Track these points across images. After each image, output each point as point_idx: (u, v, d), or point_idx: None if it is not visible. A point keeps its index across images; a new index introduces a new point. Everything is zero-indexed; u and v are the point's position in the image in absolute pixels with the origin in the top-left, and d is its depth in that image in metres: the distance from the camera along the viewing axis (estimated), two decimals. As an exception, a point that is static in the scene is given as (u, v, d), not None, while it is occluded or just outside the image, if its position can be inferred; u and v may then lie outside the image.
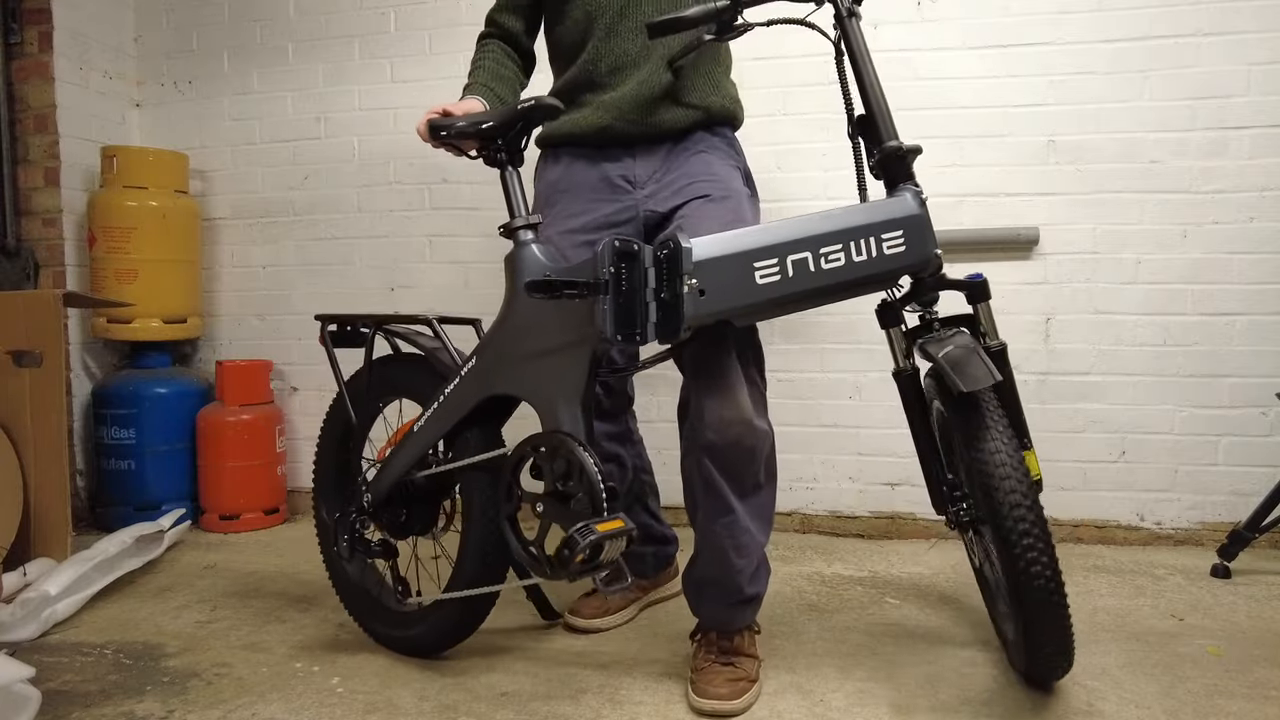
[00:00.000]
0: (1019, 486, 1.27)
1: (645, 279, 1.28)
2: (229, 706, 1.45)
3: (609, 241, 1.26)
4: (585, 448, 1.31)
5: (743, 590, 1.48)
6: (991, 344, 1.42)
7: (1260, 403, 2.30)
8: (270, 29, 2.87)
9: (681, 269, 1.25)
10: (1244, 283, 2.30)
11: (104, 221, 2.62)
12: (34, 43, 2.66)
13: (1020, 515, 1.26)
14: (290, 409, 2.90)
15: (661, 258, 1.27)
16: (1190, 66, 2.30)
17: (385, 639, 1.69)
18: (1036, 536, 1.26)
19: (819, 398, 2.52)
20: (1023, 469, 1.29)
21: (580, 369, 1.37)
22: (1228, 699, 1.43)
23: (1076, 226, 2.38)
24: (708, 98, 1.63)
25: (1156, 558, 2.24)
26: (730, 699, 1.39)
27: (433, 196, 2.78)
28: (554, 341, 1.40)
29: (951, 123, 2.41)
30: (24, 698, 1.35)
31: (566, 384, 1.38)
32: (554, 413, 1.39)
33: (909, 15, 2.43)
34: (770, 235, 1.29)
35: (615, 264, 1.26)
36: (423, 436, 1.58)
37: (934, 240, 1.35)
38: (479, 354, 1.53)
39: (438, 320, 1.66)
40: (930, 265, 1.36)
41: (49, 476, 2.10)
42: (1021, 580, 1.27)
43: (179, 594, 2.05)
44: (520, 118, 1.45)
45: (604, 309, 1.26)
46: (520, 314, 1.47)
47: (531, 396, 1.44)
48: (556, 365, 1.40)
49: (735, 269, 1.27)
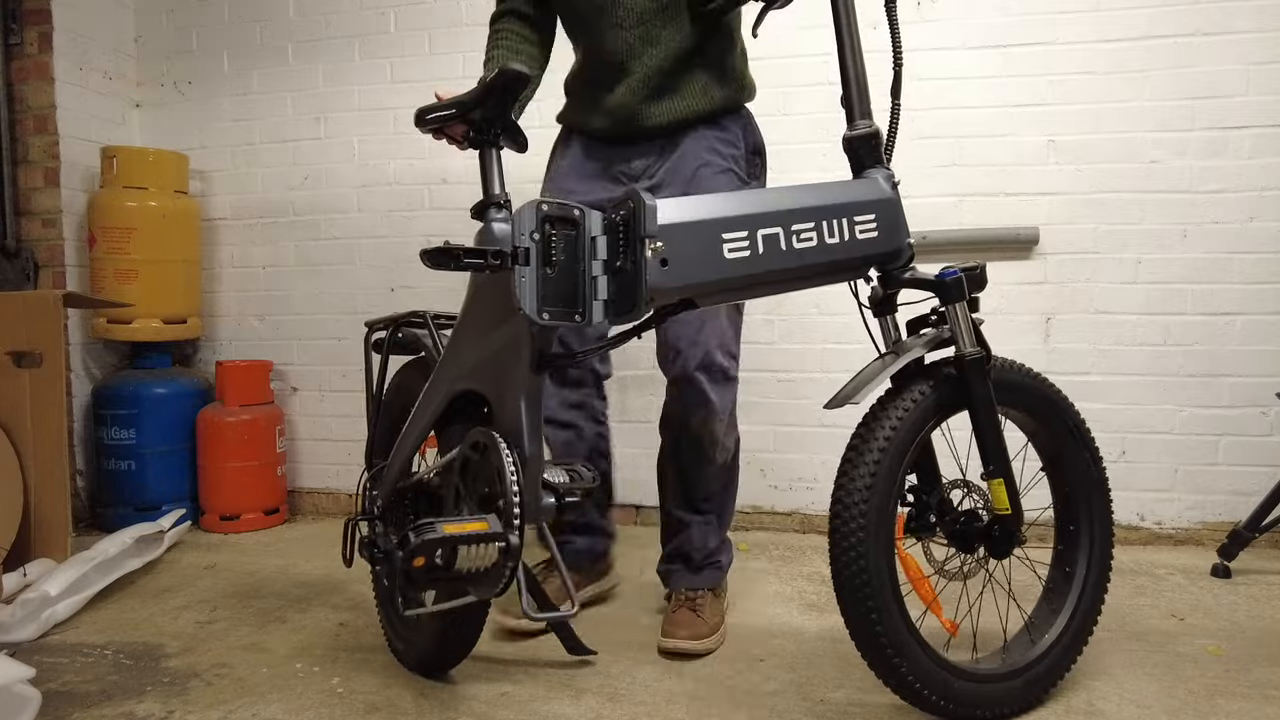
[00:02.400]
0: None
1: (591, 249, 1.14)
2: (229, 707, 1.45)
3: (532, 202, 1.12)
4: (519, 449, 1.18)
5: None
6: (966, 353, 1.28)
7: (1260, 402, 2.30)
8: (270, 29, 2.88)
9: (644, 230, 1.10)
10: (1244, 282, 2.30)
11: (104, 222, 2.62)
12: (34, 43, 2.67)
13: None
14: (290, 409, 2.90)
15: (617, 220, 1.14)
16: (1190, 66, 2.30)
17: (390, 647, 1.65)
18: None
19: (819, 397, 2.52)
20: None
21: (519, 360, 1.22)
22: (1228, 699, 1.43)
23: (1076, 226, 2.38)
24: (700, 98, 1.63)
25: (1157, 557, 2.24)
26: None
27: (433, 196, 2.78)
28: (499, 330, 1.27)
29: (951, 123, 2.42)
30: (24, 698, 1.35)
31: (508, 376, 1.25)
32: (501, 407, 1.26)
33: (909, 15, 2.43)
34: (741, 204, 1.18)
35: (541, 230, 1.11)
36: (408, 436, 1.52)
37: (906, 229, 1.28)
38: (446, 350, 1.44)
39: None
40: (902, 256, 1.29)
41: (49, 477, 2.10)
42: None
43: (179, 594, 2.05)
44: (487, 92, 1.32)
45: (521, 282, 1.10)
46: (473, 304, 1.37)
47: (487, 390, 1.32)
48: (501, 355, 1.27)
49: (702, 238, 1.14)
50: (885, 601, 1.23)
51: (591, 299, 1.14)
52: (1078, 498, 1.45)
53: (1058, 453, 1.45)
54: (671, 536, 1.79)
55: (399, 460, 1.57)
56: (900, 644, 1.25)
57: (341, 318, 2.87)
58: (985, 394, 1.30)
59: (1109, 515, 1.47)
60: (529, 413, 1.22)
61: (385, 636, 1.67)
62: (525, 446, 1.20)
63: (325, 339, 2.88)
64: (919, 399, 1.28)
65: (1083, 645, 1.44)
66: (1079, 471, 1.44)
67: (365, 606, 1.93)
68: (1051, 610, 1.45)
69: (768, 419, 2.53)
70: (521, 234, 1.11)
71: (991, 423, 1.30)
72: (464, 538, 1.09)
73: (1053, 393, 1.42)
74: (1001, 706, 1.34)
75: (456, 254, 1.10)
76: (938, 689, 1.28)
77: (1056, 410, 1.42)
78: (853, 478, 1.25)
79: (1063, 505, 1.47)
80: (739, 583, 2.02)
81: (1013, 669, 1.36)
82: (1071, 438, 1.43)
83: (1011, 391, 1.37)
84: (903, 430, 1.26)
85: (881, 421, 1.26)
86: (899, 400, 1.28)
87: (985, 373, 1.29)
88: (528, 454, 1.20)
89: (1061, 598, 1.45)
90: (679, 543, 1.77)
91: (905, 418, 1.26)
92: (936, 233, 2.41)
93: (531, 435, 1.22)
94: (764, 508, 2.56)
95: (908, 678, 1.26)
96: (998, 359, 1.34)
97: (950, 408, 1.32)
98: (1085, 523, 1.45)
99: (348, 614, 1.90)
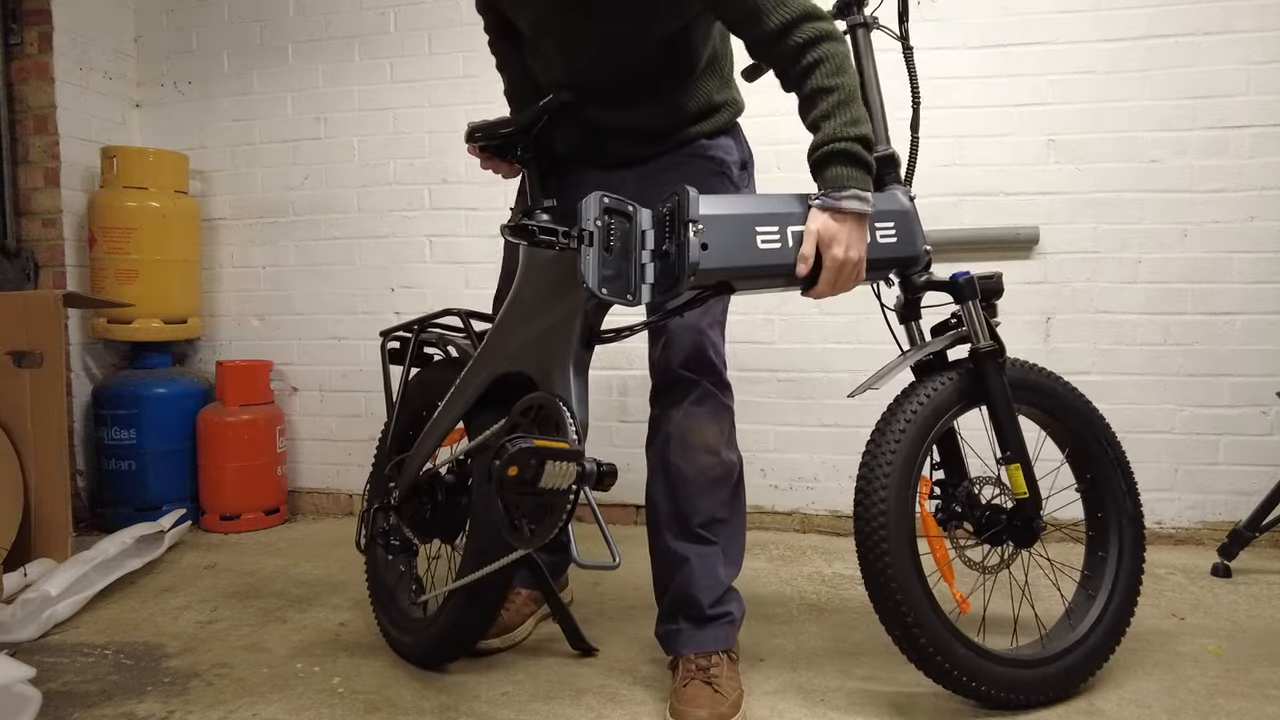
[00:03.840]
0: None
1: (642, 240, 1.27)
2: (229, 707, 1.45)
3: (595, 195, 1.24)
4: (570, 409, 1.26)
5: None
6: (980, 347, 1.41)
7: (1260, 402, 2.30)
8: (270, 29, 2.88)
9: (688, 215, 1.22)
10: (1244, 282, 2.30)
11: (104, 222, 2.62)
12: (34, 43, 2.67)
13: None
14: (290, 409, 2.90)
15: (664, 212, 1.26)
16: (1190, 66, 2.30)
17: (393, 642, 1.67)
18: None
19: (819, 398, 2.52)
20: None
21: (571, 334, 1.33)
22: (1228, 698, 1.43)
23: (1077, 226, 2.38)
24: (672, 128, 1.53)
25: (1157, 557, 2.24)
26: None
27: (433, 197, 2.78)
28: (550, 311, 1.38)
29: (951, 122, 2.41)
30: (25, 698, 1.35)
31: (559, 350, 1.34)
32: (548, 380, 1.35)
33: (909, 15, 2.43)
34: (770, 204, 1.31)
35: (602, 217, 1.24)
36: (440, 423, 1.56)
37: (923, 238, 1.43)
38: (489, 335, 1.53)
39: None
40: (920, 261, 1.42)
41: (49, 477, 2.11)
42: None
43: (179, 594, 2.05)
44: (534, 122, 1.46)
45: (588, 261, 1.22)
46: (524, 289, 1.47)
47: (532, 369, 1.41)
48: (551, 335, 1.37)
49: (738, 228, 1.26)
50: (908, 576, 1.32)
51: (640, 283, 1.26)
52: (1101, 484, 1.53)
53: (1077, 444, 1.53)
54: (669, 580, 1.49)
55: (425, 448, 1.58)
56: (919, 614, 1.32)
57: (341, 318, 2.87)
58: (1000, 384, 1.42)
59: (1137, 498, 1.54)
60: (577, 381, 1.31)
61: (381, 630, 1.68)
62: (576, 412, 1.27)
63: (325, 339, 2.88)
64: (939, 388, 1.40)
65: (1123, 629, 1.49)
66: (1098, 459, 1.53)
67: (365, 606, 1.93)
68: (1089, 595, 1.50)
69: (768, 419, 2.53)
70: (587, 219, 1.23)
71: (1006, 410, 1.42)
72: (552, 452, 1.16)
73: (1062, 386, 1.52)
74: (1040, 692, 1.40)
75: (533, 231, 1.23)
76: (964, 668, 1.34)
77: (1065, 403, 1.51)
78: (877, 455, 1.37)
79: (1089, 490, 1.55)
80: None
81: (1052, 654, 1.42)
82: (1086, 428, 1.52)
83: (1027, 389, 1.48)
84: (923, 415, 1.38)
85: (905, 407, 1.40)
86: (919, 390, 1.41)
87: (999, 365, 1.42)
88: (578, 420, 1.27)
89: (1098, 582, 1.50)
90: (679, 585, 1.47)
91: (925, 405, 1.39)
92: (937, 232, 2.40)
93: (580, 403, 1.29)
94: (764, 508, 2.56)
95: (927, 648, 1.33)
96: (1014, 359, 1.47)
97: (969, 399, 1.43)
98: (1112, 507, 1.52)
99: (348, 614, 1.90)
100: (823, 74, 1.29)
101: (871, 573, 1.33)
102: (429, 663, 1.59)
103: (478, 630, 1.55)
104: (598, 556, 1.22)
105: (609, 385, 2.64)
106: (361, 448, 2.84)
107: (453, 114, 2.72)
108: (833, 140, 1.28)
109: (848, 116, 1.28)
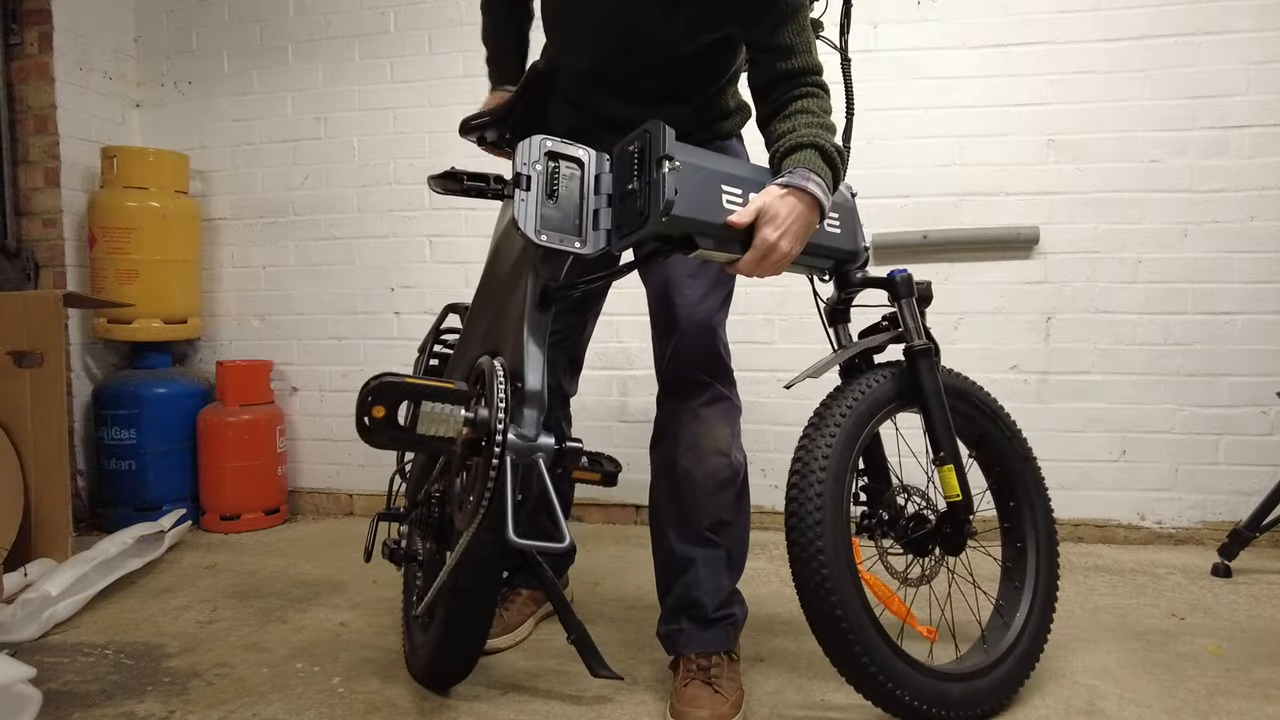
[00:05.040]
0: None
1: (595, 185, 1.20)
2: (230, 707, 1.45)
3: (536, 137, 1.16)
4: (504, 372, 1.16)
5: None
6: (915, 345, 1.40)
7: (1260, 401, 2.30)
8: (270, 29, 2.88)
9: (662, 151, 1.13)
10: (1244, 282, 2.30)
11: (104, 222, 2.62)
12: (34, 43, 2.67)
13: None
14: (290, 409, 2.90)
15: (631, 150, 1.18)
16: (1190, 66, 2.30)
17: (407, 662, 1.59)
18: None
19: (819, 397, 2.51)
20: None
21: (523, 296, 1.23)
22: (1228, 698, 1.43)
23: (1077, 226, 2.38)
24: (688, 131, 1.46)
25: (1157, 557, 2.24)
26: None
27: (433, 196, 2.78)
28: (516, 283, 1.29)
29: (951, 122, 2.42)
30: (25, 698, 1.35)
31: (514, 314, 1.25)
32: (504, 347, 1.27)
33: (909, 14, 2.43)
34: (740, 169, 1.27)
35: (543, 161, 1.16)
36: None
37: (863, 235, 1.44)
38: (466, 320, 1.49)
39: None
40: (859, 258, 1.43)
41: (50, 477, 2.10)
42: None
43: (180, 594, 2.05)
44: (515, 103, 1.34)
45: (521, 204, 1.13)
46: (494, 265, 1.42)
47: (499, 346, 1.31)
48: (512, 305, 1.28)
49: (705, 182, 1.19)
50: (844, 581, 1.26)
51: (590, 229, 1.19)
52: (1007, 474, 1.52)
53: (980, 435, 1.51)
54: (672, 582, 1.48)
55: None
56: (860, 626, 1.27)
57: (341, 318, 2.87)
58: (934, 383, 1.40)
59: (1042, 484, 1.54)
60: (531, 346, 1.21)
61: (404, 645, 1.62)
62: (525, 378, 1.19)
63: (325, 339, 2.88)
64: (871, 387, 1.38)
65: (1052, 610, 1.48)
66: (1001, 448, 1.51)
67: (365, 606, 1.93)
68: (1015, 587, 1.49)
69: (768, 419, 2.52)
70: (524, 163, 1.16)
71: (940, 410, 1.39)
72: (429, 390, 1.02)
73: (961, 381, 1.51)
74: (997, 699, 1.37)
75: (460, 177, 1.16)
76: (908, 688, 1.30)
77: (965, 396, 1.49)
78: (807, 463, 1.31)
79: (997, 484, 1.54)
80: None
81: (997, 659, 1.40)
82: (986, 419, 1.51)
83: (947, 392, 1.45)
84: (856, 415, 1.35)
85: (836, 407, 1.37)
86: (851, 389, 1.39)
87: (933, 363, 1.40)
88: (527, 385, 1.18)
89: (1021, 571, 1.50)
90: (684, 587, 1.46)
91: (857, 405, 1.36)
92: (937, 232, 2.41)
93: (532, 368, 1.19)
94: (764, 507, 2.56)
95: (870, 667, 1.29)
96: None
97: (902, 399, 1.41)
98: (1022, 495, 1.52)
99: (348, 614, 1.90)
100: (812, 103, 1.31)
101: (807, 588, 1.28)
102: (427, 681, 1.50)
103: (469, 639, 1.42)
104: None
105: (609, 385, 2.64)
106: (362, 448, 2.84)
107: (453, 114, 2.71)
108: (805, 136, 1.26)
109: (824, 125, 1.29)
